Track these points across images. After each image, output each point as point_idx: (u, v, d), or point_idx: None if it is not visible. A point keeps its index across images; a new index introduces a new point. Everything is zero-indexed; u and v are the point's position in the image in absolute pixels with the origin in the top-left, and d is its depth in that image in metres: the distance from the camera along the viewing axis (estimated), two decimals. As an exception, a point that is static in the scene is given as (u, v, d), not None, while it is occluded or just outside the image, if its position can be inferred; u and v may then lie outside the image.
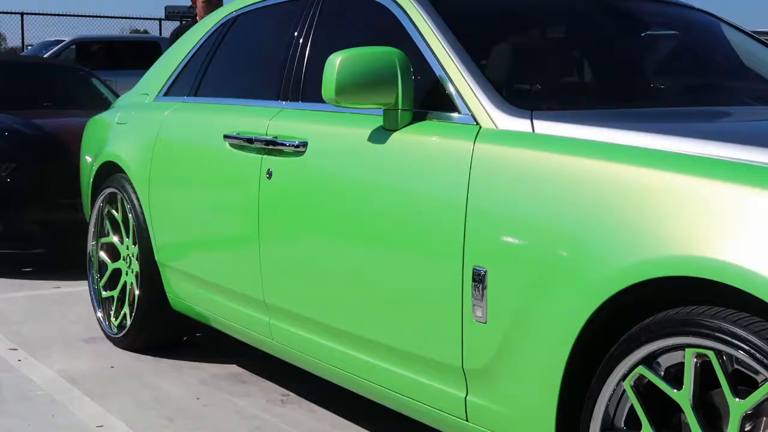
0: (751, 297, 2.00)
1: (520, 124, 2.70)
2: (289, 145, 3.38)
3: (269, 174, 3.45)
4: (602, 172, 2.37)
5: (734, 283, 2.01)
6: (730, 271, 2.02)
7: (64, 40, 18.38)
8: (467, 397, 2.71)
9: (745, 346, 2.01)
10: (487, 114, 2.77)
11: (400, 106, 2.95)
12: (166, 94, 4.58)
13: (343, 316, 3.15)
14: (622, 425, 2.33)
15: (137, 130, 4.53)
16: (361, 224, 3.03)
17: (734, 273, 2.01)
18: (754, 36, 3.92)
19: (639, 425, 2.27)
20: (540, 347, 2.44)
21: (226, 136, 3.76)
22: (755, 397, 2.03)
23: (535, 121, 2.69)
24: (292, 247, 3.38)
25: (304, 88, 3.57)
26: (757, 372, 2.03)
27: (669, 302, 2.21)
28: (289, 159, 3.39)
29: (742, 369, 2.07)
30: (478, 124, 2.78)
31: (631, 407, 2.30)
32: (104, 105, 6.75)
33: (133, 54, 17.89)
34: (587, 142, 2.51)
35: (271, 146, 3.48)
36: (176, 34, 6.83)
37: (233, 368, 4.27)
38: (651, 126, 2.64)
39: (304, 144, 3.32)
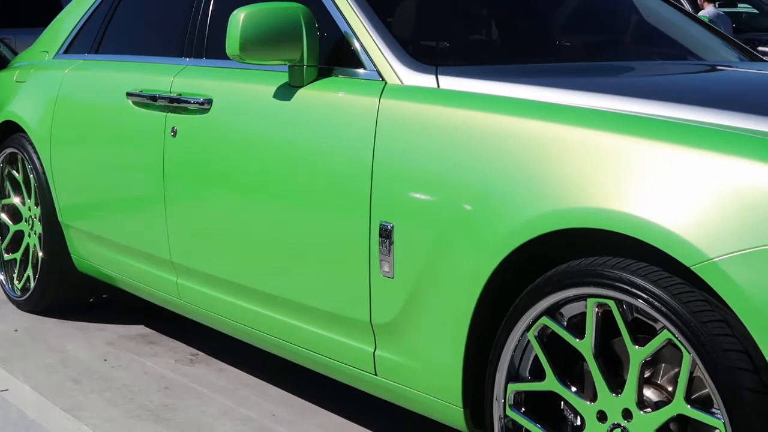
0: (650, 247, 2.05)
1: (425, 80, 2.71)
2: (193, 103, 3.34)
3: (174, 132, 3.41)
4: (505, 127, 2.40)
5: (634, 234, 2.06)
6: (629, 222, 2.07)
7: (-42, -3, 17.78)
8: (376, 352, 2.73)
9: (644, 295, 2.06)
10: (393, 70, 2.78)
11: (305, 62, 2.93)
12: (66, 52, 4.47)
13: (251, 274, 3.14)
14: (527, 375, 2.38)
15: (37, 89, 4.41)
16: (267, 181, 3.02)
17: (634, 223, 2.06)
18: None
19: (543, 375, 2.32)
20: (446, 301, 2.47)
21: (129, 94, 3.70)
22: (653, 345, 2.09)
23: (440, 77, 2.70)
24: (198, 205, 3.35)
25: (208, 45, 3.52)
26: (655, 320, 2.09)
27: (575, 255, 2.25)
28: (193, 117, 3.35)
29: (642, 317, 2.13)
30: (383, 80, 2.78)
31: (536, 357, 2.34)
32: (2, 64, 6.56)
33: (32, 10, 17.37)
34: (491, 97, 2.53)
35: (176, 104, 3.43)
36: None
37: (141, 329, 4.23)
38: (554, 81, 2.68)
39: (209, 101, 3.28)
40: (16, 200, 4.58)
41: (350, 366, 2.84)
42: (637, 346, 2.12)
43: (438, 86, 2.68)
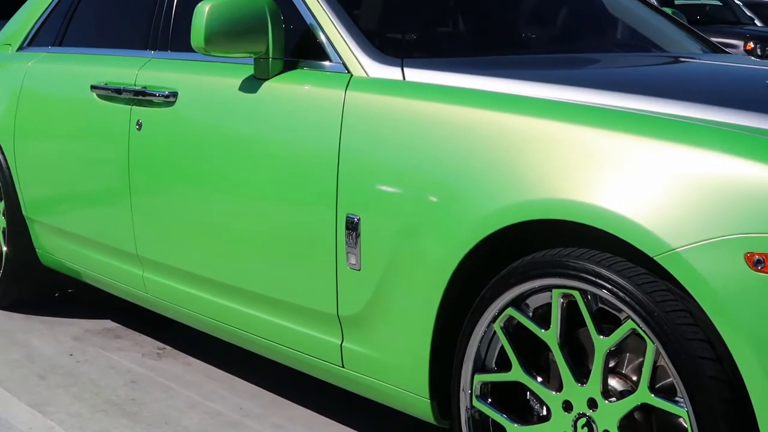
0: (614, 238, 2.06)
1: (390, 72, 2.71)
2: (158, 96, 3.32)
3: (139, 125, 3.39)
4: (471, 119, 2.41)
5: (598, 225, 2.08)
6: (593, 213, 2.08)
7: None
8: (343, 344, 2.73)
9: (608, 286, 2.08)
10: (358, 62, 2.77)
11: (270, 55, 2.93)
12: (29, 45, 4.43)
13: (218, 267, 3.13)
14: (494, 366, 2.39)
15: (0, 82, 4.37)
16: (233, 175, 3.01)
17: (598, 214, 2.08)
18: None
19: (509, 365, 2.33)
20: (412, 293, 2.48)
21: (93, 87, 3.67)
22: (618, 334, 2.11)
23: (405, 69, 2.70)
24: (164, 198, 3.33)
25: (173, 37, 3.51)
26: (619, 310, 2.11)
27: (542, 246, 2.26)
28: (158, 110, 3.33)
29: (606, 308, 2.15)
30: (349, 72, 2.78)
31: (502, 348, 2.35)
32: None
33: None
34: (456, 89, 2.54)
35: (140, 96, 3.41)
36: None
37: (107, 323, 4.20)
38: (519, 73, 2.69)
39: (174, 94, 3.27)
40: (-21, 194, 4.53)
41: (317, 358, 2.84)
42: (601, 336, 2.14)
43: (404, 78, 2.68)
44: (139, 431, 3.10)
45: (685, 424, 2.02)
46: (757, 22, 12.06)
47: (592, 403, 2.17)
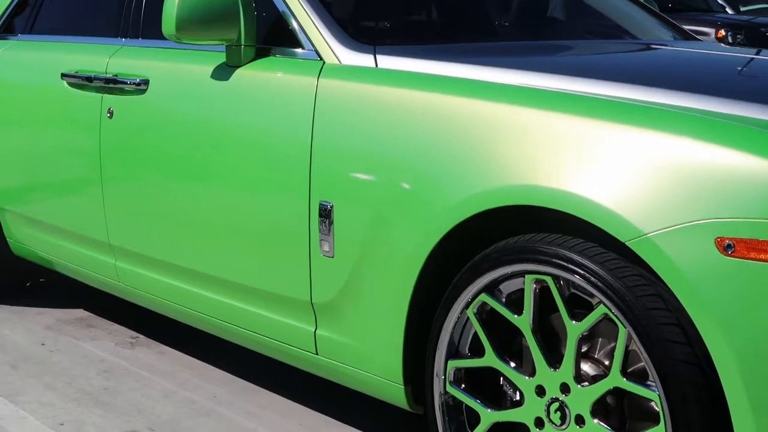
0: (586, 224, 2.07)
1: (363, 59, 2.71)
2: (129, 84, 3.30)
3: (110, 113, 3.37)
4: (443, 106, 2.41)
5: (570, 210, 2.08)
6: (565, 199, 2.09)
7: None
8: (316, 331, 2.73)
9: (580, 271, 2.09)
10: (331, 49, 2.77)
11: (242, 42, 2.91)
12: (-1, 32, 4.39)
13: (191, 255, 3.12)
14: (467, 352, 2.40)
15: (-31, 70, 4.33)
16: (205, 162, 3.00)
17: (569, 200, 2.08)
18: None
19: (483, 351, 2.34)
20: (386, 280, 2.48)
21: (64, 75, 3.64)
22: (590, 319, 2.12)
23: (378, 56, 2.70)
24: (136, 187, 3.32)
25: (144, 25, 3.48)
26: (591, 295, 2.12)
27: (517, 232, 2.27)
28: (130, 98, 3.31)
29: (579, 293, 2.16)
30: (321, 59, 2.77)
31: (475, 334, 2.36)
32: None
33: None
34: (428, 76, 2.54)
35: (112, 84, 3.39)
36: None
37: (80, 312, 4.18)
38: (491, 60, 2.69)
39: (146, 82, 3.25)
40: (-51, 184, 4.49)
41: (291, 346, 2.84)
42: (574, 321, 2.15)
43: (376, 65, 2.68)
44: (113, 420, 3.10)
45: (656, 408, 2.03)
46: (729, 10, 12.12)
47: (564, 388, 2.19)
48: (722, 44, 7.50)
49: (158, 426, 3.06)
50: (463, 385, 2.40)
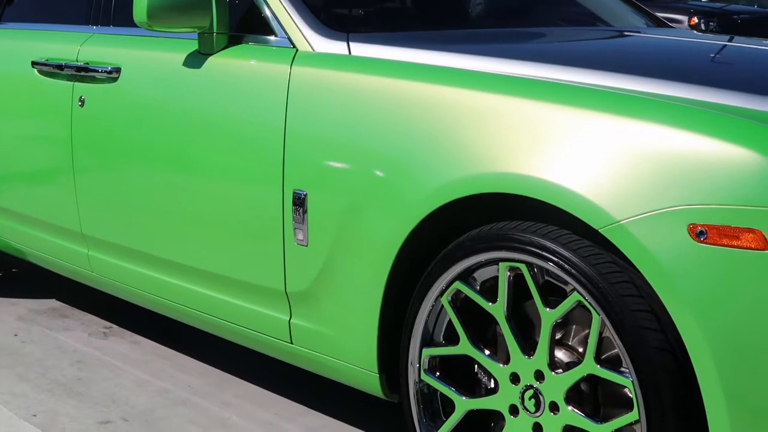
0: (560, 211, 2.07)
1: (336, 47, 2.69)
2: (101, 72, 3.27)
3: (81, 101, 3.34)
4: (416, 94, 2.40)
5: (543, 198, 2.08)
6: (539, 186, 2.09)
7: None
8: (291, 320, 2.73)
9: (554, 258, 2.09)
10: (304, 37, 2.75)
11: (215, 30, 2.89)
12: (-32, 20, 4.35)
13: (164, 245, 3.11)
14: (442, 340, 2.40)
15: (-62, 59, 4.28)
16: (177, 151, 2.98)
17: (543, 187, 2.08)
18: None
19: (457, 339, 2.34)
20: (360, 268, 2.48)
21: (34, 63, 3.61)
22: (564, 307, 2.12)
23: (351, 44, 2.69)
24: (108, 176, 3.29)
25: (115, 12, 3.45)
26: (565, 283, 2.12)
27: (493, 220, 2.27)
28: (101, 86, 3.28)
29: (552, 280, 2.16)
30: (294, 47, 2.76)
31: (450, 322, 2.36)
32: None
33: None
34: (402, 63, 2.53)
35: (83, 72, 3.36)
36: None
37: (53, 303, 4.16)
38: (465, 47, 2.69)
39: (117, 70, 3.22)
40: None
41: (266, 335, 2.83)
42: (548, 309, 2.15)
43: (349, 53, 2.66)
44: (86, 411, 3.08)
45: (630, 395, 2.04)
46: (701, -3, 12.15)
47: (539, 375, 2.19)
48: (695, 31, 7.52)
49: (132, 416, 3.04)
50: (437, 373, 2.40)
